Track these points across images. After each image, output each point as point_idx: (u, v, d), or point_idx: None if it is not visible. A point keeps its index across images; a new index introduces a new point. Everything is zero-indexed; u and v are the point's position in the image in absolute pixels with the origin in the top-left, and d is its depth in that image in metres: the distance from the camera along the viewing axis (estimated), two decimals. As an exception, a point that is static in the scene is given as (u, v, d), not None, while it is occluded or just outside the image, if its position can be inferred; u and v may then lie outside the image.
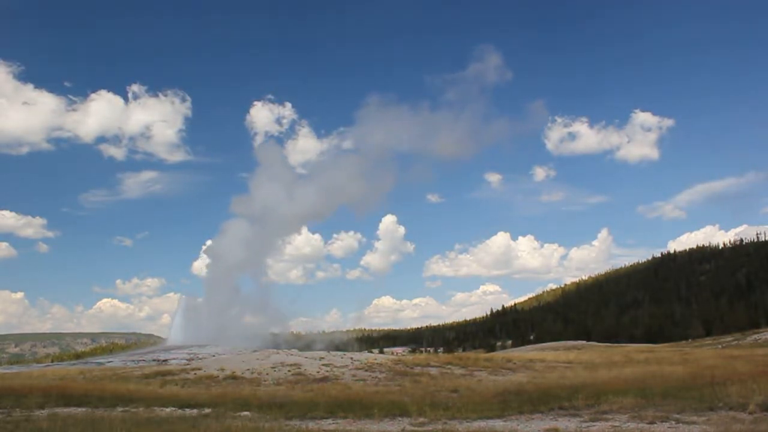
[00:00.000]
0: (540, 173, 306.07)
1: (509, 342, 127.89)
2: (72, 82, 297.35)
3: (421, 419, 11.69)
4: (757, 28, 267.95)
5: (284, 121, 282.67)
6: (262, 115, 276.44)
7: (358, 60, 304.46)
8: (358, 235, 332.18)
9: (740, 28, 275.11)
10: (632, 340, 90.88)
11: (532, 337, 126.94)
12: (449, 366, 26.87)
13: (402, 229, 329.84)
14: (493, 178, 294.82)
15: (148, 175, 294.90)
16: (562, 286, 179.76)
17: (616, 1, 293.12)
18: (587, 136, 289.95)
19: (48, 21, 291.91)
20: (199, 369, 25.78)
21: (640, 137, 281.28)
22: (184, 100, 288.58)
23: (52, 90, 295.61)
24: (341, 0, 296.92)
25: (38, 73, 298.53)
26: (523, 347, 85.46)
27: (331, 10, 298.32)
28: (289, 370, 24.41)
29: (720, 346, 53.90)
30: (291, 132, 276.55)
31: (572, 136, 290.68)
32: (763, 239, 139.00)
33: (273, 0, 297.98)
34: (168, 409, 13.88)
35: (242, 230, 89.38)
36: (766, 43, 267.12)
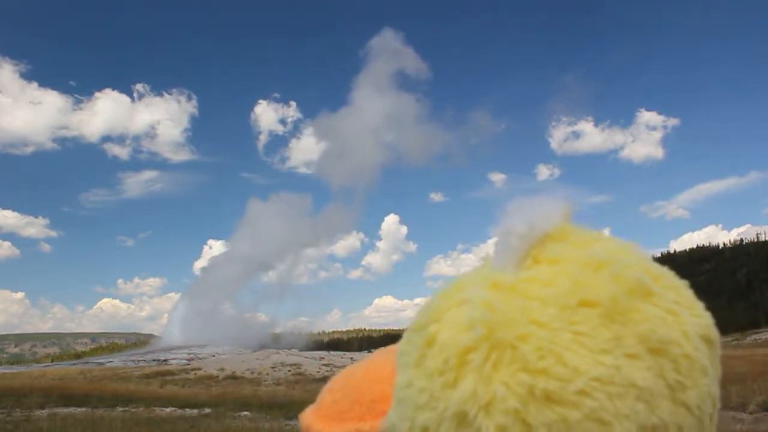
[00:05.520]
0: (544, 172, 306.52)
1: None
2: (77, 80, 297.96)
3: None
4: (761, 30, 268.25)
5: (288, 120, 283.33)
6: (267, 115, 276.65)
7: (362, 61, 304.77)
8: (360, 235, 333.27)
9: (744, 30, 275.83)
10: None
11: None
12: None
13: (404, 229, 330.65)
14: (497, 177, 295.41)
15: (150, 174, 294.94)
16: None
17: (621, 0, 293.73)
18: (592, 135, 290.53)
19: (53, 20, 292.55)
20: (199, 369, 25.79)
21: (644, 136, 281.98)
22: (190, 99, 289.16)
23: (57, 88, 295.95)
24: (345, 1, 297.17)
25: (44, 71, 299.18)
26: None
27: (335, 12, 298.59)
28: (289, 370, 24.43)
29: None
30: (295, 131, 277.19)
31: (576, 135, 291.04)
32: (764, 239, 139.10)
33: (278, 0, 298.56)
34: (168, 409, 13.88)
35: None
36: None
